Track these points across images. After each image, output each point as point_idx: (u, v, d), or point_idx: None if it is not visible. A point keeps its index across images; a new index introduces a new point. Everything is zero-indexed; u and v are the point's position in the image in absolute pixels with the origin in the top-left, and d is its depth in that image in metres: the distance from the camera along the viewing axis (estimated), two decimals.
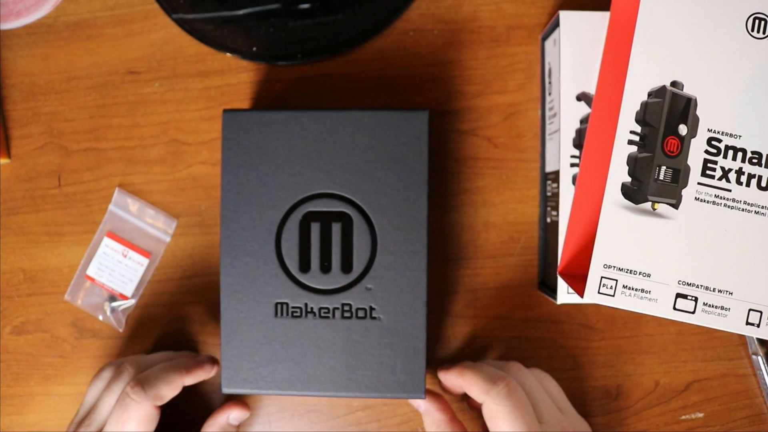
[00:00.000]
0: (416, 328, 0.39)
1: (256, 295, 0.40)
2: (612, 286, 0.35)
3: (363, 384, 0.39)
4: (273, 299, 0.40)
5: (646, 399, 0.46)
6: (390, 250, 0.40)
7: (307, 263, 0.40)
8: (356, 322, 0.40)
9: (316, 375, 0.39)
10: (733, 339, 0.46)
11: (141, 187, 0.47)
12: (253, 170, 0.40)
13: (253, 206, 0.40)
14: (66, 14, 0.47)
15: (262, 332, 0.40)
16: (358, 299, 0.40)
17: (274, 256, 0.40)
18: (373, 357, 0.39)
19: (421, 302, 0.40)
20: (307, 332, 0.40)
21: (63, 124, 0.47)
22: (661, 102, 0.35)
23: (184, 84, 0.47)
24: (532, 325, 0.46)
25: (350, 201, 0.40)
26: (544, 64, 0.46)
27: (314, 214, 0.40)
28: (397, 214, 0.40)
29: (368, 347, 0.39)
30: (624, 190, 0.35)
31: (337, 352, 0.39)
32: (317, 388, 0.39)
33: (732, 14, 0.35)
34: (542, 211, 0.46)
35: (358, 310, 0.40)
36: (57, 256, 0.47)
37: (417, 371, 0.39)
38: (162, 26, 0.47)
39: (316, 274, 0.40)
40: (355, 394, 0.39)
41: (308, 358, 0.40)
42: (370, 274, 0.40)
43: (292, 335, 0.40)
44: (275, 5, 0.46)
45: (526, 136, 0.46)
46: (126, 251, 0.46)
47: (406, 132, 0.40)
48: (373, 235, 0.40)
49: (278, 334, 0.40)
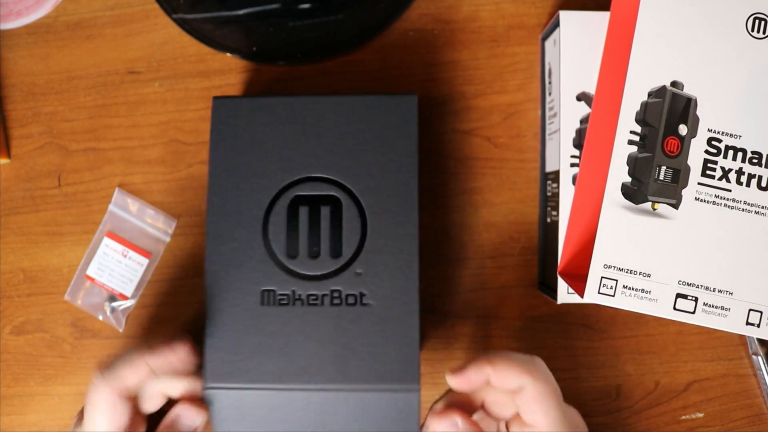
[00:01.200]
0: (409, 315, 0.38)
1: (241, 282, 0.38)
2: (612, 286, 0.35)
3: (354, 375, 0.37)
4: (259, 286, 0.38)
5: (646, 399, 0.46)
6: (380, 234, 0.39)
7: (295, 249, 0.39)
8: (346, 309, 0.38)
9: (305, 366, 0.37)
10: (733, 339, 0.46)
11: (141, 187, 0.47)
12: (240, 155, 0.40)
13: (240, 191, 0.39)
14: (66, 14, 0.47)
15: (248, 322, 0.38)
16: (347, 285, 0.38)
17: (261, 242, 0.39)
18: (364, 346, 0.37)
19: (413, 286, 0.38)
20: (295, 321, 0.38)
21: (63, 124, 0.47)
22: (661, 102, 0.35)
23: (184, 84, 0.47)
24: (532, 325, 0.46)
25: (339, 184, 0.39)
26: (544, 64, 0.46)
27: (303, 198, 0.39)
28: (387, 197, 0.39)
29: (359, 335, 0.38)
30: (624, 190, 0.35)
31: (327, 342, 0.38)
32: (306, 380, 0.37)
33: (732, 14, 0.35)
34: (542, 211, 0.46)
35: (348, 296, 0.38)
36: (57, 256, 0.47)
37: (410, 360, 0.37)
38: (162, 26, 0.47)
39: (305, 260, 0.39)
40: (347, 386, 0.37)
41: (296, 348, 0.38)
42: (360, 259, 0.39)
43: (280, 324, 0.38)
44: (275, 5, 0.46)
45: (526, 136, 0.46)
46: (126, 251, 0.46)
47: (396, 116, 0.40)
48: (363, 218, 0.39)
49: (265, 324, 0.38)
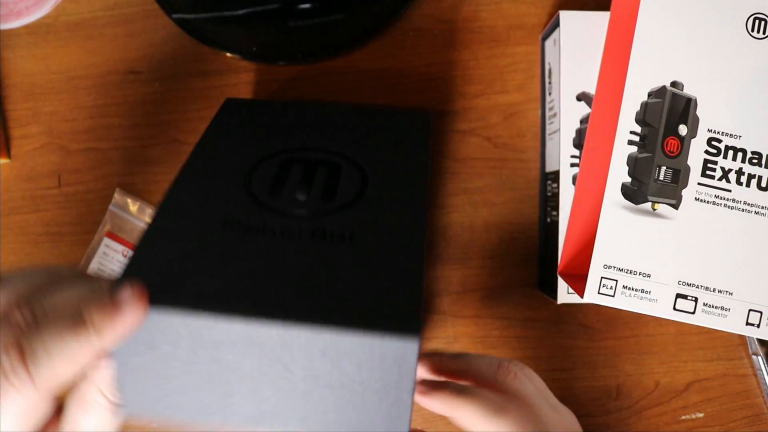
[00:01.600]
0: (411, 252, 0.29)
1: (204, 208, 0.31)
2: (612, 287, 0.35)
3: (332, 314, 0.25)
4: (224, 210, 0.31)
5: (646, 399, 0.46)
6: (383, 191, 0.33)
7: (278, 190, 0.32)
8: (330, 245, 0.29)
9: (267, 295, 0.26)
10: (733, 339, 0.46)
11: (141, 187, 0.47)
12: (235, 145, 0.36)
13: (226, 154, 0.35)
14: (66, 14, 0.47)
15: (201, 241, 0.29)
16: (335, 225, 0.31)
17: (240, 180, 0.32)
18: (349, 283, 0.27)
19: (418, 226, 0.31)
20: (262, 249, 0.29)
21: (63, 124, 0.47)
22: (661, 102, 0.35)
23: (184, 84, 0.47)
24: (532, 325, 0.46)
25: (341, 155, 0.35)
26: (544, 64, 0.46)
27: (297, 160, 0.34)
28: (394, 171, 0.35)
29: (344, 271, 0.28)
30: (624, 191, 0.35)
31: (300, 275, 0.28)
32: (267, 312, 0.25)
33: (732, 14, 0.35)
34: (542, 211, 0.46)
35: (333, 234, 0.30)
36: (57, 256, 0.47)
37: (410, 300, 0.27)
38: (162, 26, 0.47)
39: (289, 202, 0.32)
40: (319, 329, 0.25)
41: (259, 276, 0.27)
42: (356, 206, 0.32)
43: (241, 250, 0.29)
44: (275, 5, 0.46)
45: (526, 136, 0.46)
46: (126, 251, 0.46)
47: (409, 131, 0.39)
48: (364, 180, 0.34)
49: (222, 245, 0.29)
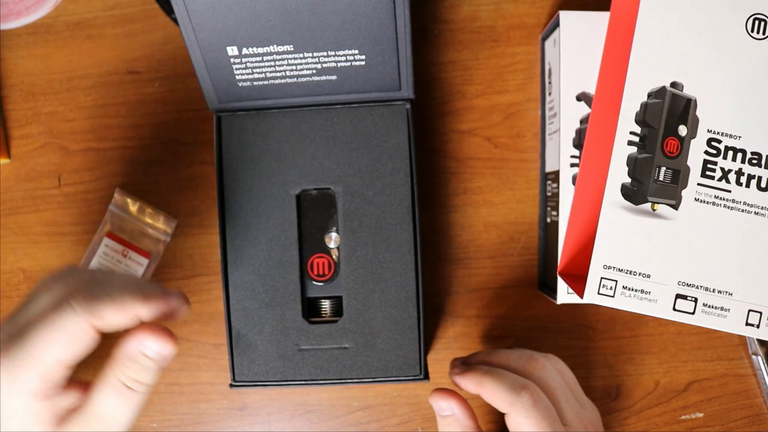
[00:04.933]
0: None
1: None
2: (612, 287, 0.35)
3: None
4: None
5: (646, 399, 0.46)
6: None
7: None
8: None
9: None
10: (733, 339, 0.46)
11: (141, 187, 0.47)
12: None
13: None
14: (66, 14, 0.47)
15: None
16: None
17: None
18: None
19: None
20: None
21: (63, 124, 0.47)
22: (661, 102, 0.35)
23: (184, 84, 0.47)
24: (532, 325, 0.46)
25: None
26: (544, 64, 0.46)
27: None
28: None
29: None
30: (624, 191, 0.35)
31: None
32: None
33: (732, 14, 0.35)
34: (542, 211, 0.46)
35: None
36: (57, 256, 0.47)
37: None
38: (162, 26, 0.47)
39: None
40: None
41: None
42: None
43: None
44: None
45: (526, 136, 0.46)
46: (126, 251, 0.46)
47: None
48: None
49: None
